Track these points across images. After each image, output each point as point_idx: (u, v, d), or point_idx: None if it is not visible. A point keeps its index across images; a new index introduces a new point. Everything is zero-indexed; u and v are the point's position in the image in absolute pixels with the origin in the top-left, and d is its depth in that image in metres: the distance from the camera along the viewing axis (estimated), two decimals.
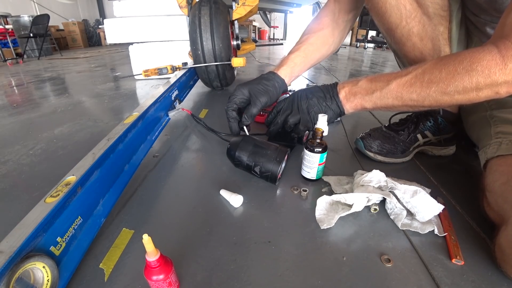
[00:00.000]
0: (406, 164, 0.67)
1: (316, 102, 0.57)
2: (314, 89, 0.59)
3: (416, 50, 0.59)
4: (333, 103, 0.56)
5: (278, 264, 0.39)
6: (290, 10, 2.50)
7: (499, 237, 0.38)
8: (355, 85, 0.54)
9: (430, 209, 0.44)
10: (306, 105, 0.58)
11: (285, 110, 0.60)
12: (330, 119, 0.57)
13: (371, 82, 0.52)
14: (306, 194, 0.54)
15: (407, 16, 0.55)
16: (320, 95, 0.57)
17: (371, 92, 0.51)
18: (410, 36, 0.58)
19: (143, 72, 1.05)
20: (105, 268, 0.39)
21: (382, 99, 0.50)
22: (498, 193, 0.43)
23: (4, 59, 3.08)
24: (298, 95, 0.60)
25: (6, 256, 0.26)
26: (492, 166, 0.47)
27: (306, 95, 0.58)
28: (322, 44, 0.72)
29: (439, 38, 0.57)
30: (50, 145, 0.78)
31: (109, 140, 0.49)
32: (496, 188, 0.43)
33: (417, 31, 0.57)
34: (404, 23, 0.56)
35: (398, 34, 0.59)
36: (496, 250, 0.39)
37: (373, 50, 4.42)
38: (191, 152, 0.73)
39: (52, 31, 4.29)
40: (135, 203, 0.52)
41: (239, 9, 1.20)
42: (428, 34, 0.57)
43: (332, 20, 0.71)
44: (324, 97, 0.57)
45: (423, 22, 0.56)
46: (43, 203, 0.34)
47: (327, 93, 0.57)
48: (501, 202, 0.41)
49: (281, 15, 6.75)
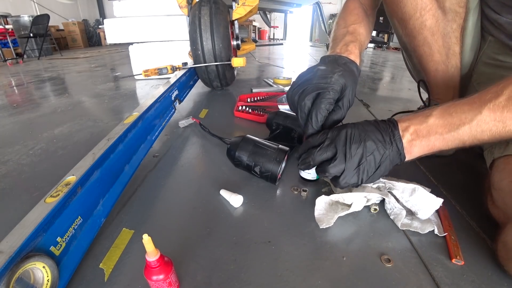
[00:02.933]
0: (406, 164, 0.66)
1: (372, 148, 0.41)
2: (367, 126, 0.43)
3: (425, 44, 0.58)
4: (393, 149, 0.42)
5: (278, 264, 0.39)
6: (290, 10, 2.50)
7: (504, 235, 0.38)
8: (424, 123, 0.41)
9: (430, 204, 0.44)
10: (359, 151, 0.41)
11: (325, 150, 0.43)
12: (383, 173, 0.43)
13: (448, 116, 0.40)
14: (306, 194, 0.54)
15: (422, 7, 0.54)
16: (379, 137, 0.42)
17: (455, 128, 0.39)
18: (422, 29, 0.56)
19: (143, 72, 1.05)
20: (105, 268, 0.39)
21: (475, 133, 0.38)
22: (505, 191, 0.42)
23: (4, 59, 3.08)
24: (348, 133, 0.43)
25: (6, 256, 0.26)
26: (499, 165, 0.46)
27: (360, 135, 0.42)
28: (366, 38, 0.63)
29: (451, 35, 0.56)
30: (50, 145, 0.78)
31: (109, 140, 0.49)
32: (503, 186, 0.42)
33: (429, 25, 0.55)
34: (418, 14, 0.55)
35: (411, 25, 0.57)
36: (499, 248, 0.38)
37: (373, 50, 4.42)
38: (191, 152, 0.73)
39: (52, 31, 4.29)
40: (135, 203, 0.52)
41: (239, 9, 1.20)
42: (440, 29, 0.55)
43: (364, 16, 0.64)
44: (383, 141, 0.42)
45: (437, 16, 0.54)
46: (43, 203, 0.34)
47: (385, 134, 0.42)
48: (509, 200, 0.41)
49: (281, 15, 6.76)
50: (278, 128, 0.72)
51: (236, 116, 0.98)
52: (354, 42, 0.55)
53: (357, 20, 0.61)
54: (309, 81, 0.47)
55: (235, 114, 0.99)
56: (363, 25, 0.61)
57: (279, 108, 0.97)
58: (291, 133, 0.70)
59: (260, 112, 0.97)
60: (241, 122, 0.95)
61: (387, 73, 2.16)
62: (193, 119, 0.89)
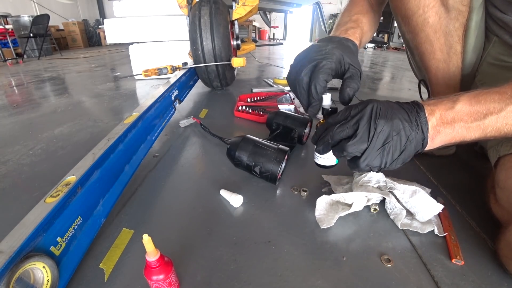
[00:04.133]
0: (406, 164, 0.66)
1: (399, 127, 0.37)
2: (393, 104, 0.40)
3: (427, 42, 0.58)
4: (418, 132, 0.38)
5: (278, 264, 0.39)
6: (290, 10, 2.50)
7: (509, 234, 0.37)
8: (451, 109, 0.38)
9: (430, 208, 0.44)
10: (385, 129, 0.37)
11: (346, 126, 0.39)
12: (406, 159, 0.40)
13: (476, 103, 0.37)
14: (306, 194, 0.54)
15: (426, 4, 0.54)
16: (405, 117, 0.38)
17: (481, 117, 0.37)
18: (425, 27, 0.56)
19: (143, 72, 1.05)
20: (105, 268, 0.39)
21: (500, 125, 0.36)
22: (509, 188, 0.41)
23: (4, 59, 3.08)
24: (374, 107, 0.38)
25: (6, 256, 0.26)
26: (505, 163, 0.45)
27: (386, 111, 0.38)
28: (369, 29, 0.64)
29: (453, 34, 0.55)
30: (50, 145, 0.78)
31: (109, 140, 0.49)
32: (509, 184, 0.42)
33: (432, 22, 0.55)
34: (421, 11, 0.55)
35: (413, 22, 0.57)
36: (502, 247, 0.38)
37: (373, 50, 4.42)
38: (191, 152, 0.73)
39: (52, 31, 4.29)
40: (135, 203, 0.52)
41: (239, 9, 1.20)
42: (442, 27, 0.55)
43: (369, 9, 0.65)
44: (410, 121, 0.38)
45: (440, 13, 0.54)
46: (43, 203, 0.34)
47: (411, 114, 0.38)
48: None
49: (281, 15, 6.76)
50: (278, 128, 0.72)
51: (236, 116, 0.98)
52: (355, 28, 0.55)
53: (361, 11, 0.61)
54: (303, 59, 0.46)
55: (235, 114, 0.99)
56: (367, 16, 0.60)
57: (279, 108, 0.97)
58: (291, 133, 0.70)
59: (260, 112, 0.97)
60: (241, 122, 0.95)
61: (387, 73, 2.16)
62: (194, 119, 0.89)
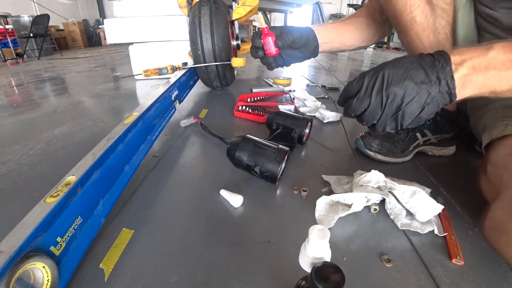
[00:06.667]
0: (406, 164, 0.67)
1: (414, 93, 0.37)
2: (410, 64, 0.38)
3: (418, 40, 0.59)
4: (441, 89, 0.37)
5: (278, 264, 0.39)
6: (290, 10, 2.50)
7: (492, 211, 0.37)
8: (484, 55, 0.36)
9: (430, 209, 0.44)
10: (398, 97, 0.37)
11: (362, 100, 0.40)
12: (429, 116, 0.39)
13: (510, 52, 0.35)
14: (306, 194, 0.54)
15: (412, 4, 0.56)
16: (421, 77, 0.37)
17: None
18: (413, 25, 0.58)
19: (143, 72, 1.05)
20: (105, 268, 0.39)
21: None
22: (499, 163, 0.43)
23: (4, 59, 3.08)
24: (386, 75, 0.38)
25: (6, 256, 0.26)
26: (497, 144, 0.47)
27: (400, 77, 0.37)
28: (356, 28, 0.72)
29: (440, 31, 0.57)
30: (50, 145, 0.78)
31: (109, 140, 0.49)
32: (498, 160, 0.43)
33: (419, 21, 0.57)
34: (408, 10, 0.57)
35: (402, 21, 0.59)
36: (488, 225, 0.37)
37: (373, 50, 4.42)
38: (191, 152, 0.73)
39: (52, 31, 4.29)
40: (135, 203, 0.52)
41: (239, 9, 1.20)
42: (430, 25, 0.57)
43: (367, 14, 0.72)
44: (428, 81, 0.37)
45: (425, 12, 0.56)
46: (43, 203, 0.34)
47: (431, 71, 0.37)
48: (501, 171, 0.41)
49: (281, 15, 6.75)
50: (278, 128, 0.72)
51: (236, 116, 0.98)
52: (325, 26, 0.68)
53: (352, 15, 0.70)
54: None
55: (235, 114, 0.99)
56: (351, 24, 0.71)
57: (279, 108, 0.97)
58: (291, 133, 0.70)
59: (260, 112, 0.97)
60: (241, 122, 0.95)
61: None
62: (194, 119, 0.89)
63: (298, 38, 0.60)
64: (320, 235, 0.23)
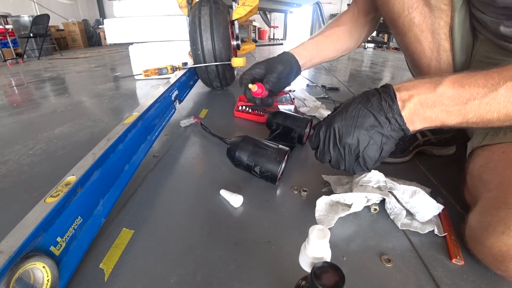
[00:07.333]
0: (406, 164, 0.67)
1: (367, 139, 0.40)
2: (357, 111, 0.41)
3: (416, 41, 0.59)
4: (392, 127, 0.39)
5: (278, 264, 0.39)
6: (290, 10, 2.50)
7: (469, 218, 0.40)
8: (432, 91, 0.37)
9: (430, 209, 0.44)
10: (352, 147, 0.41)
11: (323, 154, 0.47)
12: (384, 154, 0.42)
13: (460, 87, 0.36)
14: (306, 194, 0.54)
15: (409, 6, 0.56)
16: (370, 122, 0.40)
17: (463, 102, 0.36)
18: (411, 27, 0.58)
19: (143, 72, 1.05)
20: (105, 268, 0.39)
21: (482, 111, 0.35)
22: (475, 174, 0.44)
23: (4, 59, 3.08)
24: (336, 130, 0.42)
25: (6, 256, 0.26)
26: (476, 154, 0.48)
27: (349, 128, 0.41)
28: (337, 39, 0.75)
29: (439, 32, 0.57)
30: (50, 145, 0.78)
31: (109, 140, 0.49)
32: (475, 170, 0.45)
33: (418, 22, 0.57)
34: (406, 12, 0.57)
35: (400, 24, 0.59)
36: (466, 232, 0.40)
37: (373, 50, 4.42)
38: (191, 152, 0.73)
39: (52, 31, 4.29)
40: (135, 203, 0.52)
41: (239, 9, 1.20)
42: (428, 26, 0.57)
43: (351, 19, 0.74)
44: (378, 124, 0.40)
45: (424, 13, 0.56)
46: (43, 203, 0.34)
47: (379, 113, 0.39)
48: (477, 182, 0.42)
49: (281, 15, 6.76)
50: (278, 128, 0.72)
51: (236, 116, 0.98)
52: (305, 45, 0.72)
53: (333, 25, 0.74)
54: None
55: (235, 114, 0.99)
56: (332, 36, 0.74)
57: (279, 108, 0.97)
58: (291, 133, 0.70)
59: (260, 112, 0.97)
60: (241, 122, 0.95)
61: (387, 73, 2.16)
62: (194, 119, 0.89)
63: (282, 71, 0.65)
64: (320, 235, 0.23)
